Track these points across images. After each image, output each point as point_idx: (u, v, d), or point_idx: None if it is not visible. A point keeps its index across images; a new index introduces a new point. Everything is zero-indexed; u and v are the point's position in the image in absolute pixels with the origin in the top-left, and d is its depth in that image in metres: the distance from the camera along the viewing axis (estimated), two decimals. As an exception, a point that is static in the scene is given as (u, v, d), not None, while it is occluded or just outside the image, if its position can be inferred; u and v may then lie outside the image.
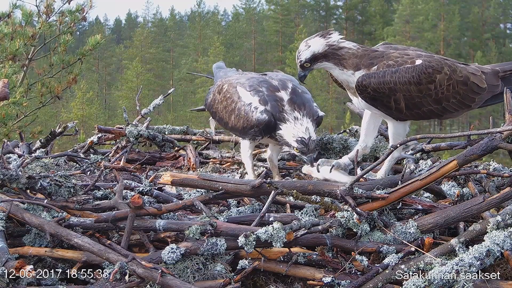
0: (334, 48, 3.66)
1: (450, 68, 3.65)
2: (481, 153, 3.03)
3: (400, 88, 3.57)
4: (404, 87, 3.57)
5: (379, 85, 3.57)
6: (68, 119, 30.60)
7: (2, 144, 4.27)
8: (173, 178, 3.35)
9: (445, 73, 3.62)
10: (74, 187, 3.43)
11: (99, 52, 48.44)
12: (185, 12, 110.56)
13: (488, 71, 3.82)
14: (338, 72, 3.73)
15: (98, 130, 5.39)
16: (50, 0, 9.41)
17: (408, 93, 3.58)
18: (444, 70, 3.62)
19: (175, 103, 49.18)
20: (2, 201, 3.23)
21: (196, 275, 2.88)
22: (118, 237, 3.18)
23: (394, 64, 3.61)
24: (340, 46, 3.67)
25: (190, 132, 5.69)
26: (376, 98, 3.62)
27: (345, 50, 3.67)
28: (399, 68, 3.58)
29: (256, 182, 3.16)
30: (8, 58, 8.53)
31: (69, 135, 5.50)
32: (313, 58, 3.67)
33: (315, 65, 3.71)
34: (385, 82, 3.57)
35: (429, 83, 3.59)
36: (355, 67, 3.66)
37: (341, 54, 3.66)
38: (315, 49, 3.65)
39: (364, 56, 3.67)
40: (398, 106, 3.61)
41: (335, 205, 3.18)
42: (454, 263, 2.70)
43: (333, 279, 2.82)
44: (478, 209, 3.01)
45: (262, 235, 2.86)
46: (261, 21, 58.49)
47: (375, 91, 3.59)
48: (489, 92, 3.78)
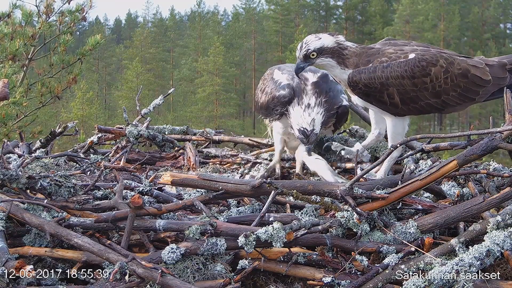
0: (341, 46, 3.75)
1: (446, 60, 3.65)
2: (481, 153, 3.03)
3: (393, 82, 3.59)
4: (396, 81, 3.59)
5: (370, 80, 3.61)
6: (68, 119, 30.61)
7: (2, 144, 4.27)
8: (173, 178, 3.34)
9: (440, 65, 3.61)
10: (74, 187, 3.43)
11: (99, 52, 48.47)
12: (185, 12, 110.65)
13: (494, 63, 3.80)
14: (339, 71, 3.77)
15: (98, 130, 5.40)
16: (50, 0, 9.40)
17: (401, 87, 3.59)
18: (439, 62, 3.61)
19: (175, 103, 49.23)
20: (2, 201, 3.23)
21: (196, 275, 2.88)
22: (118, 237, 3.18)
23: (387, 60, 3.65)
24: (345, 46, 3.76)
25: (190, 132, 5.69)
26: (369, 93, 3.65)
27: (348, 50, 3.75)
28: (391, 63, 3.61)
29: (256, 182, 3.16)
30: (8, 58, 8.52)
31: (69, 135, 5.49)
32: (321, 50, 3.72)
33: (319, 58, 3.75)
34: (376, 77, 3.60)
35: (424, 76, 3.59)
36: (355, 66, 3.70)
37: (345, 53, 3.74)
38: (325, 43, 3.72)
39: (362, 54, 3.74)
40: (392, 100, 3.62)
41: (335, 205, 3.18)
42: (454, 263, 2.70)
43: (333, 279, 2.82)
44: (478, 209, 3.01)
45: (262, 235, 2.86)
46: (261, 21, 58.52)
47: (366, 86, 3.62)
48: (495, 85, 3.74)
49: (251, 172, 4.68)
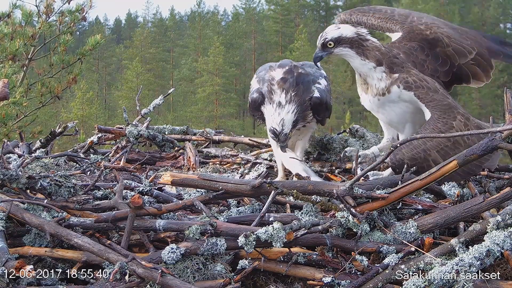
0: (362, 38, 3.77)
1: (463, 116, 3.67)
2: (481, 153, 3.02)
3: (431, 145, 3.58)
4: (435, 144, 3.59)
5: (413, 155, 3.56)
6: (68, 119, 30.59)
7: (2, 144, 4.26)
8: (173, 178, 3.34)
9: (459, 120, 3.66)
10: (74, 187, 3.43)
11: (99, 52, 48.45)
12: (185, 12, 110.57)
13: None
14: (359, 63, 3.79)
15: (98, 130, 5.40)
16: (50, 0, 9.39)
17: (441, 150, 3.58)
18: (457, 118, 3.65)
19: (175, 103, 49.20)
20: (2, 201, 3.23)
21: (196, 275, 2.88)
22: (118, 237, 3.18)
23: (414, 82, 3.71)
24: (367, 38, 3.77)
25: (190, 132, 5.69)
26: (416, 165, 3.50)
27: (370, 42, 3.77)
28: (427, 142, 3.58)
29: (256, 182, 3.16)
30: (8, 58, 8.52)
31: (69, 135, 5.50)
32: (339, 40, 3.74)
33: (337, 48, 3.77)
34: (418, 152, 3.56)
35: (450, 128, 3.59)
36: (377, 61, 3.73)
37: (366, 45, 3.75)
38: (344, 32, 3.75)
39: (386, 54, 3.78)
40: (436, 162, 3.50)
41: (335, 205, 3.17)
42: (454, 263, 2.70)
43: (333, 279, 2.82)
44: (478, 209, 3.01)
45: (262, 235, 2.86)
46: (261, 21, 58.48)
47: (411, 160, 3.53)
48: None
49: (251, 172, 4.67)
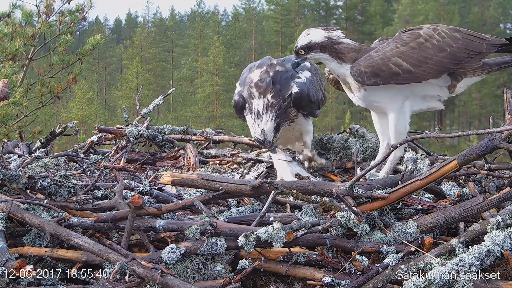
0: (333, 42, 3.72)
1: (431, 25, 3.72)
2: (481, 153, 3.03)
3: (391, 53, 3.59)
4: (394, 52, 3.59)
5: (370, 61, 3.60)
6: (68, 119, 30.59)
7: (2, 144, 4.27)
8: (173, 178, 3.35)
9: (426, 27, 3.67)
10: (74, 187, 3.43)
11: (99, 52, 48.45)
12: (185, 12, 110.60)
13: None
14: (335, 66, 3.77)
15: (98, 130, 5.40)
16: (50, 0, 9.40)
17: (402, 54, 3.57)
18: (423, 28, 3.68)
19: (175, 103, 49.20)
20: (2, 201, 3.23)
21: (196, 275, 2.88)
22: (118, 237, 3.18)
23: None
24: (339, 41, 3.73)
25: (190, 132, 5.69)
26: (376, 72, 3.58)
27: (343, 45, 3.73)
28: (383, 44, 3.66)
29: (256, 182, 3.16)
30: (8, 58, 8.53)
31: (69, 135, 5.50)
32: (308, 47, 3.73)
33: (310, 54, 3.76)
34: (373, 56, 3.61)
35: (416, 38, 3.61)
36: (354, 60, 3.69)
37: (339, 48, 3.72)
38: (313, 38, 3.72)
39: (361, 50, 3.74)
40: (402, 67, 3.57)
41: (335, 205, 3.18)
42: (454, 263, 2.70)
43: (333, 279, 2.82)
44: (478, 209, 3.01)
45: (262, 235, 2.85)
46: (261, 21, 58.46)
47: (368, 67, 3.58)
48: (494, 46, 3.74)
49: (251, 172, 4.67)
